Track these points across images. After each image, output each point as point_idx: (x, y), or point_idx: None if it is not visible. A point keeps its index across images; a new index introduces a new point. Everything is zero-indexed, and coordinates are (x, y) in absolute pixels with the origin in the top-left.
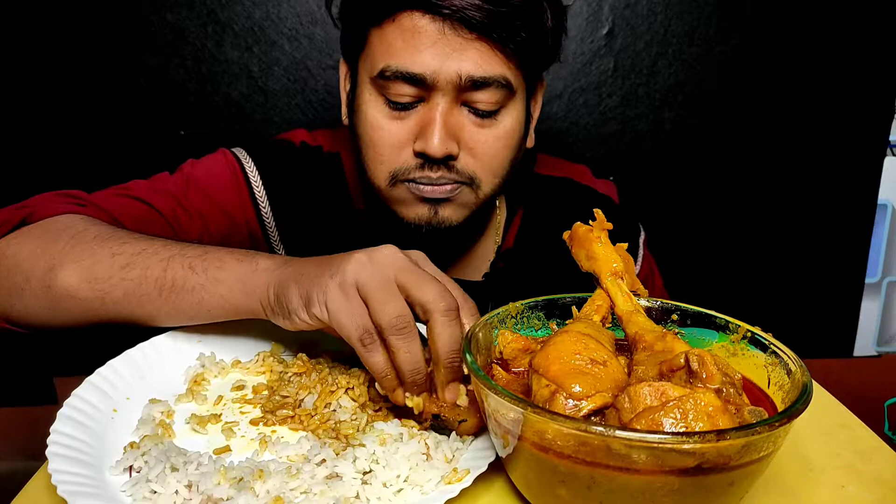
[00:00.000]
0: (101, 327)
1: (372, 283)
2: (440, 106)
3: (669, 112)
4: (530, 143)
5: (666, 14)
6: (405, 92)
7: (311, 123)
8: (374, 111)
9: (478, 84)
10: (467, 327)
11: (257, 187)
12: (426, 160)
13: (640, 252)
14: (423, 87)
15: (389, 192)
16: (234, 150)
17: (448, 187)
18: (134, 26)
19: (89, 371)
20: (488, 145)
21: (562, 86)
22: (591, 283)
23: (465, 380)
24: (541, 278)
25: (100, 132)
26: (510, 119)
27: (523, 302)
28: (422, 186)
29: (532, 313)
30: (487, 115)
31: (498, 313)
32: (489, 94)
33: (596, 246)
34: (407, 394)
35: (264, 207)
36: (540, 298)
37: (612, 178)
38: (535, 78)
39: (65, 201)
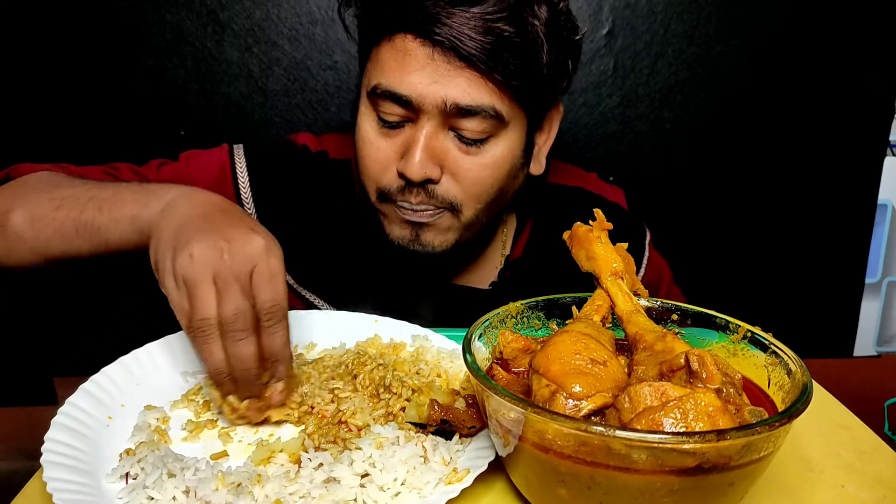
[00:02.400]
0: (101, 328)
1: (190, 280)
2: (425, 129)
3: (669, 112)
4: (537, 169)
5: (666, 14)
6: (393, 111)
7: (311, 123)
8: (366, 125)
9: (464, 112)
10: (272, 339)
11: (244, 188)
12: (406, 182)
13: (646, 254)
14: (411, 108)
15: (378, 207)
16: (234, 147)
17: (429, 212)
18: (134, 26)
19: (89, 371)
20: (473, 172)
21: None
22: (592, 283)
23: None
24: (548, 288)
25: (100, 132)
26: (499, 148)
27: (523, 302)
28: (405, 210)
29: (532, 313)
30: (474, 142)
31: (498, 313)
32: (476, 122)
33: (596, 246)
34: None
35: (249, 209)
36: (540, 298)
37: (610, 179)
38: (538, 108)
39: (46, 165)
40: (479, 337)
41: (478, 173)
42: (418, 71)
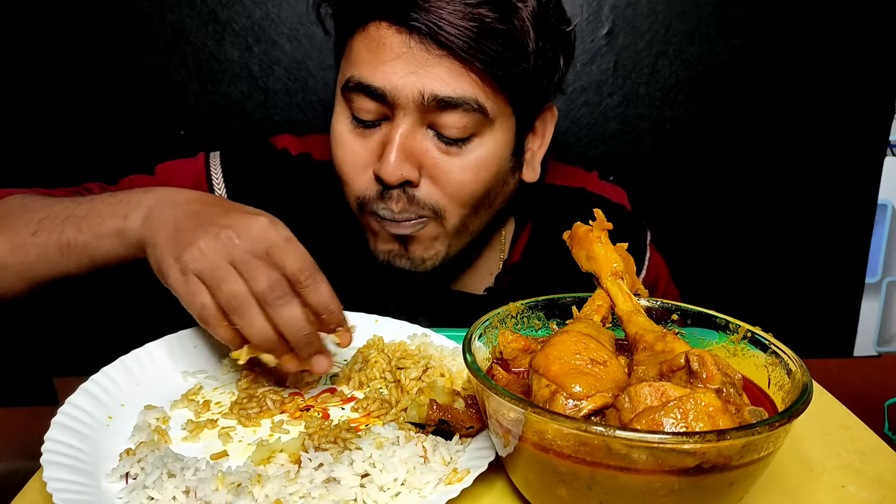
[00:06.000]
0: (101, 327)
1: (207, 271)
2: (401, 126)
3: (670, 111)
4: (531, 176)
5: (667, 13)
6: (367, 107)
7: (311, 123)
8: (340, 125)
9: (444, 104)
10: (317, 296)
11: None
12: (382, 186)
13: (647, 254)
14: (385, 103)
15: (361, 219)
16: (210, 154)
17: (411, 222)
18: (134, 26)
19: (89, 371)
20: (453, 175)
21: None
22: (592, 284)
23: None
24: (547, 294)
25: (100, 132)
26: (483, 149)
27: (523, 302)
28: (385, 221)
29: (532, 313)
30: (455, 142)
31: (498, 313)
32: (457, 117)
33: (596, 246)
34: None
35: None
36: (540, 298)
37: (611, 178)
38: (528, 107)
39: (17, 189)
40: (479, 337)
41: (459, 176)
42: (393, 61)
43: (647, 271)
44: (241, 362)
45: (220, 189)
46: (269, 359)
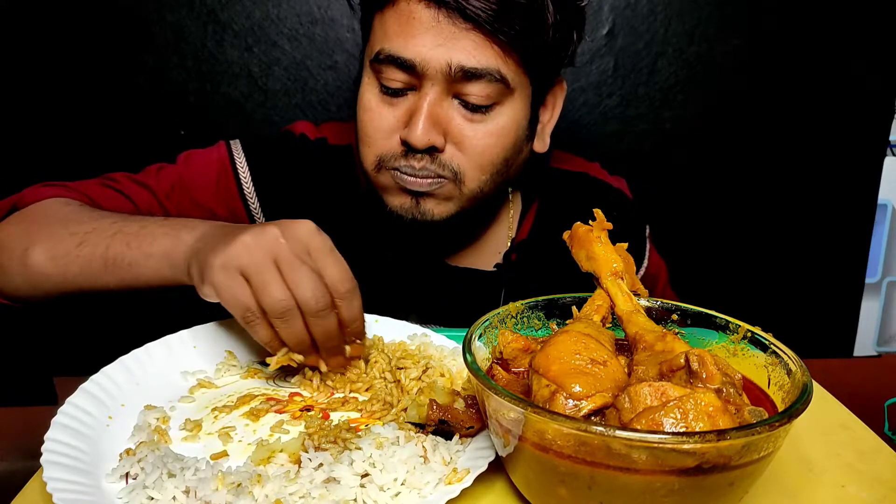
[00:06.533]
0: (101, 327)
1: (252, 266)
2: (429, 96)
3: (669, 112)
4: (541, 147)
5: (666, 14)
6: (397, 77)
7: (312, 123)
8: (368, 94)
9: (469, 75)
10: (350, 310)
11: (246, 182)
12: (409, 149)
13: (647, 245)
14: (414, 74)
15: (376, 178)
16: (231, 142)
17: (429, 180)
18: (134, 26)
19: (89, 371)
20: (476, 140)
21: None
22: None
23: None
24: (554, 270)
25: (100, 132)
26: (504, 117)
27: (523, 302)
28: (405, 176)
29: (532, 313)
30: (479, 109)
31: (498, 313)
32: (481, 87)
33: (596, 246)
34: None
35: (252, 202)
36: (540, 298)
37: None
38: (543, 80)
39: (51, 189)
40: (479, 337)
41: (483, 141)
42: (422, 34)
43: (649, 261)
44: (272, 368)
45: (244, 174)
46: (299, 357)
